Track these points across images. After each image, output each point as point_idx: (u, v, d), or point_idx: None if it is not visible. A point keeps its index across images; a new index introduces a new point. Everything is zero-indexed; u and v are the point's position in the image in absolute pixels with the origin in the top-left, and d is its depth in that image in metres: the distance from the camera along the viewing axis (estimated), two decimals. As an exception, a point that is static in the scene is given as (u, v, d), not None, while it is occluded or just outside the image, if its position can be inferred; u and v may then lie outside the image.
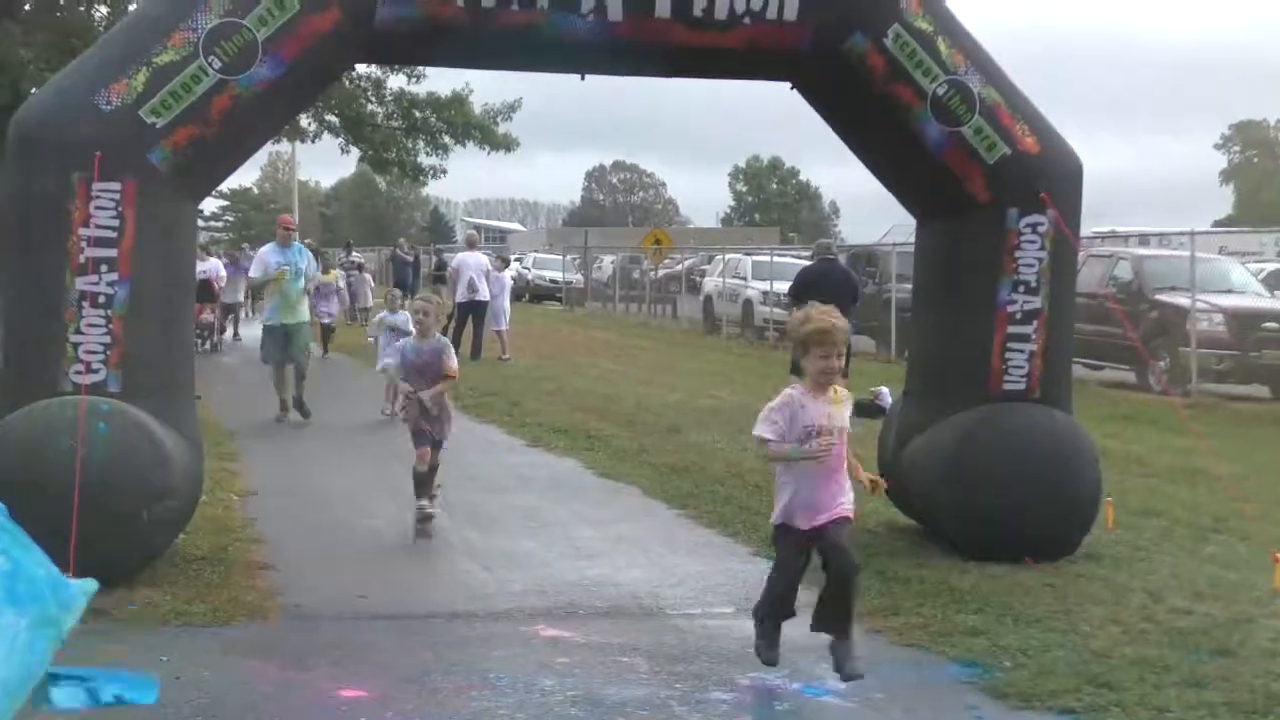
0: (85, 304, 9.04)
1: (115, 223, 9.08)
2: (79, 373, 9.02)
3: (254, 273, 18.93)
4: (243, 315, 37.44)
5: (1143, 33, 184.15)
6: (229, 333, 33.81)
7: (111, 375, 9.08)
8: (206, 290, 28.88)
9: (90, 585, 3.68)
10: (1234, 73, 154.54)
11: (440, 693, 7.07)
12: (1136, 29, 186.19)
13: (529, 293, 61.05)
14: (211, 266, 30.96)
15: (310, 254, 18.88)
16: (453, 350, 11.55)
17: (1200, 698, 6.95)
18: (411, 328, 12.71)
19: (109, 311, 9.08)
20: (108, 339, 9.08)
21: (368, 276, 40.17)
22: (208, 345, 29.54)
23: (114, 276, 9.08)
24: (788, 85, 10.69)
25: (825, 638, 7.96)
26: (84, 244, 9.03)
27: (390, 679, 7.27)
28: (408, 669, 7.45)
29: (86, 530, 8.28)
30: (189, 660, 7.47)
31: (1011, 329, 10.24)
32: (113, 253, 9.08)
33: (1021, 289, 10.24)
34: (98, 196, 9.05)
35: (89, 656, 7.50)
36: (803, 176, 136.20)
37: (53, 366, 9.03)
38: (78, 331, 9.04)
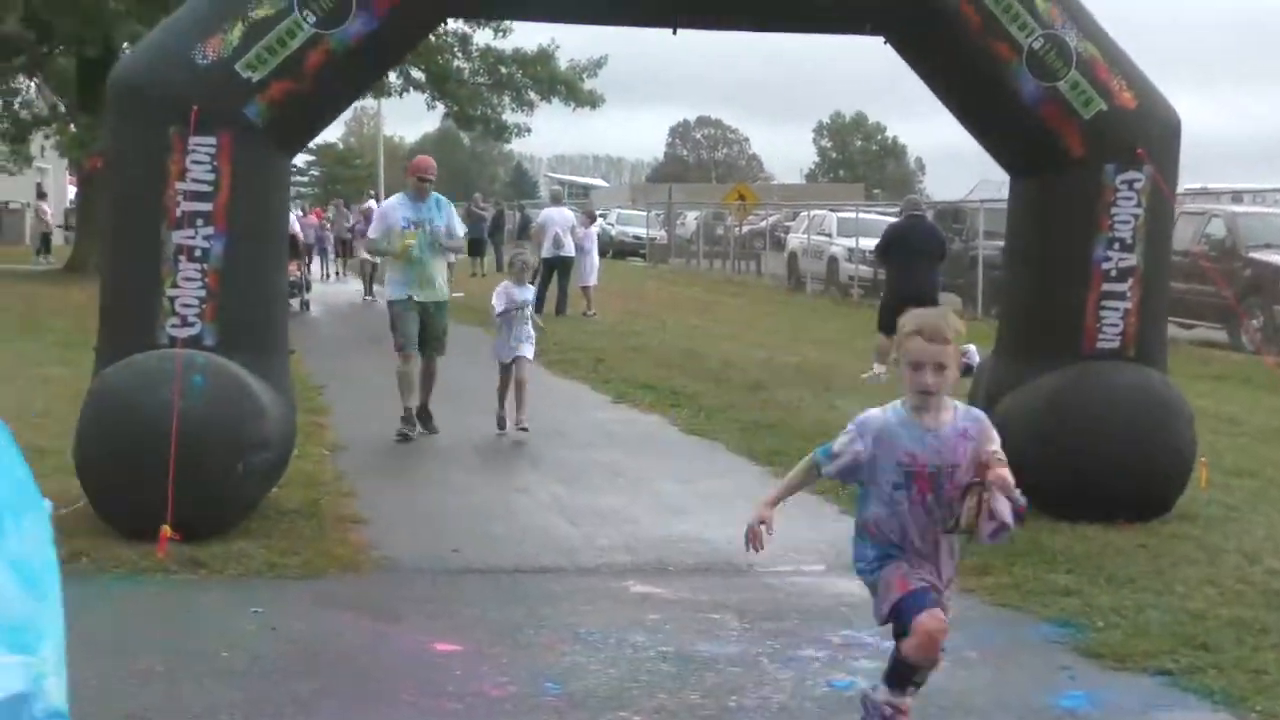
0: (181, 258, 9.12)
1: (211, 177, 9.15)
2: (175, 326, 9.11)
3: (374, 232, 14.20)
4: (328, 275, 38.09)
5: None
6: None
7: (207, 329, 9.17)
8: (292, 246, 28.67)
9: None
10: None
11: (533, 647, 7.11)
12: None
13: (612, 249, 60.99)
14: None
15: (452, 208, 14.10)
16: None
17: (1299, 660, 6.87)
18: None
19: (205, 266, 9.16)
20: (203, 293, 9.16)
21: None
22: (296, 304, 28.96)
23: (210, 231, 9.16)
24: (880, 39, 10.59)
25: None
26: (180, 198, 9.11)
27: (483, 632, 7.32)
28: (500, 623, 7.50)
29: (183, 482, 8.40)
30: (283, 612, 7.56)
31: (1106, 286, 10.12)
32: (208, 207, 9.15)
33: (1117, 246, 10.11)
34: (194, 150, 9.11)
35: (183, 606, 7.65)
36: (888, 133, 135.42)
37: (149, 320, 9.12)
38: (174, 285, 9.12)
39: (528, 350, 13.71)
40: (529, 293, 14.29)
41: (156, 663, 6.64)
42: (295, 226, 29.96)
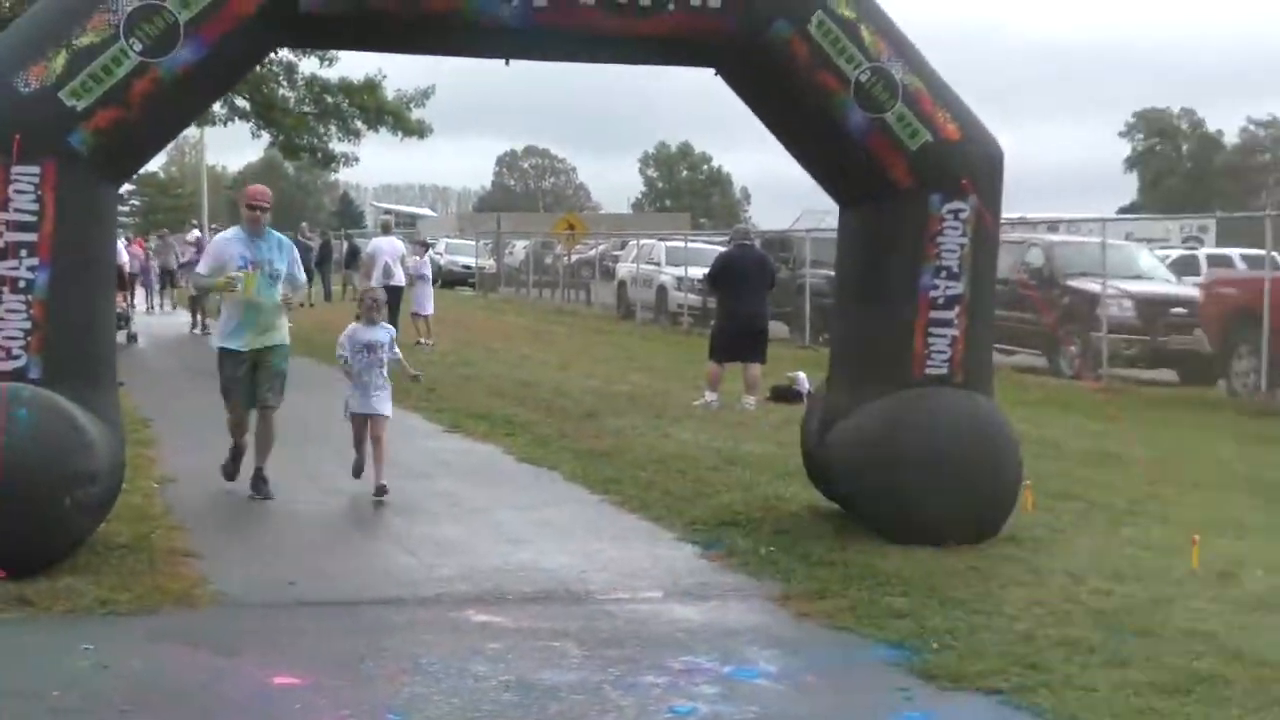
0: (5, 289, 8.91)
1: (35, 206, 8.96)
2: (-1, 359, 8.90)
3: (203, 268, 12.36)
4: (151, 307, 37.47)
5: (1032, 27, 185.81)
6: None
7: (32, 361, 8.96)
8: (118, 277, 27.99)
9: None
10: (1136, 65, 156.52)
11: (374, 679, 7.05)
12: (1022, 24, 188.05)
13: (441, 278, 60.64)
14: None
15: (294, 250, 12.47)
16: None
17: (1125, 677, 7.06)
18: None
19: (29, 296, 8.96)
20: (28, 324, 8.95)
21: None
22: (122, 337, 28.08)
23: (34, 261, 8.96)
24: (711, 72, 10.72)
25: (756, 620, 8.09)
26: (3, 228, 8.91)
27: (322, 665, 7.24)
28: (339, 655, 7.43)
29: (8, 517, 8.22)
30: (116, 649, 7.40)
31: (934, 314, 10.33)
32: (33, 237, 8.95)
33: (944, 274, 10.33)
34: (16, 180, 8.92)
35: (11, 645, 7.46)
36: (714, 163, 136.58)
37: (-28, 353, 8.90)
38: (-3, 317, 8.92)
39: (384, 406, 12.26)
40: (383, 334, 12.38)
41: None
42: (122, 257, 28.38)
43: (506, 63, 10.65)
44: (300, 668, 7.18)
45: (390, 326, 12.84)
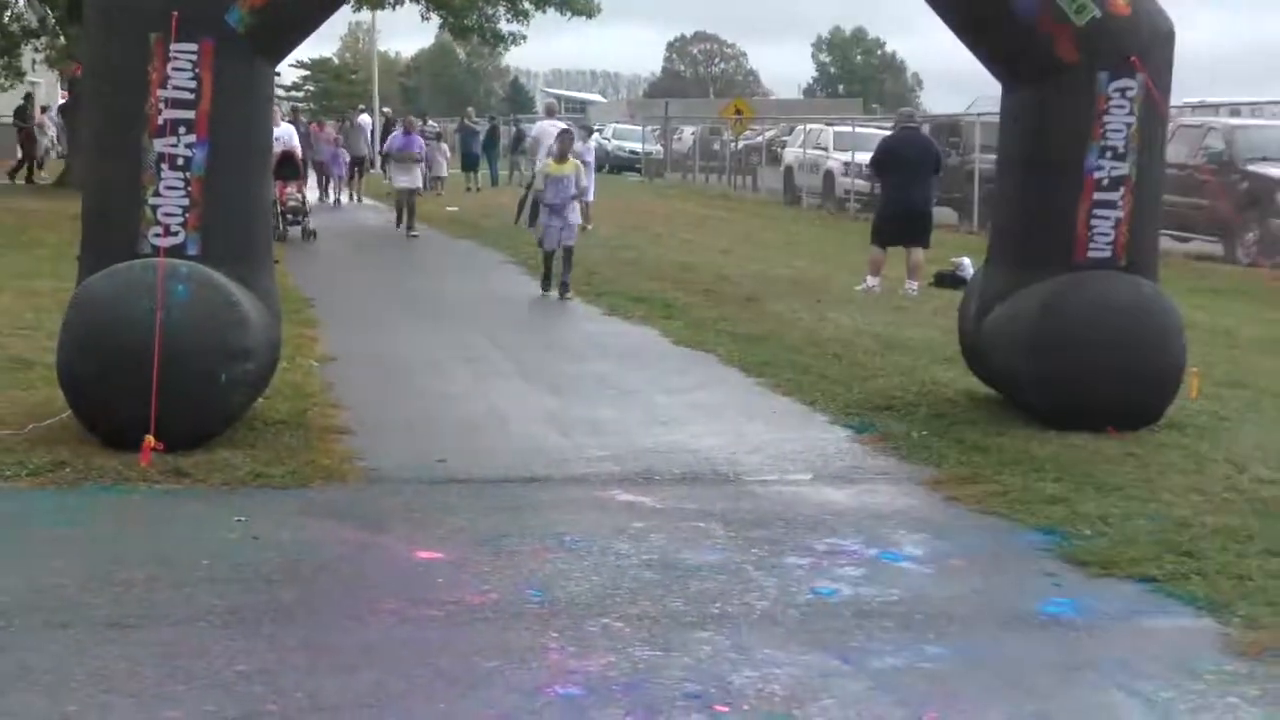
0: (164, 166, 9.02)
1: (193, 84, 9.03)
2: (158, 235, 9.02)
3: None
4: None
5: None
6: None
7: (190, 238, 9.08)
8: (289, 163, 24.69)
9: None
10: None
11: (516, 555, 7.08)
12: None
13: (608, 163, 60.68)
14: (285, 132, 25.66)
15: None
16: None
17: (1283, 566, 6.86)
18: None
19: (187, 174, 9.06)
20: (186, 201, 9.06)
21: (444, 146, 39.91)
22: (298, 232, 24.78)
23: (192, 139, 9.05)
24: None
25: (905, 503, 8.02)
26: (162, 105, 9.00)
27: (466, 541, 7.29)
28: (483, 532, 7.47)
29: (166, 392, 8.36)
30: (266, 521, 7.52)
31: (1098, 195, 10.03)
32: (190, 114, 9.04)
33: (1109, 155, 10.01)
34: (175, 58, 8.99)
35: (166, 516, 7.63)
36: (888, 48, 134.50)
37: (132, 229, 9.03)
38: (156, 194, 9.02)
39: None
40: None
41: (137, 571, 6.62)
42: (292, 141, 26.37)
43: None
44: (444, 543, 7.24)
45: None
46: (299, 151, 26.90)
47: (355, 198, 36.16)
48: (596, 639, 5.94)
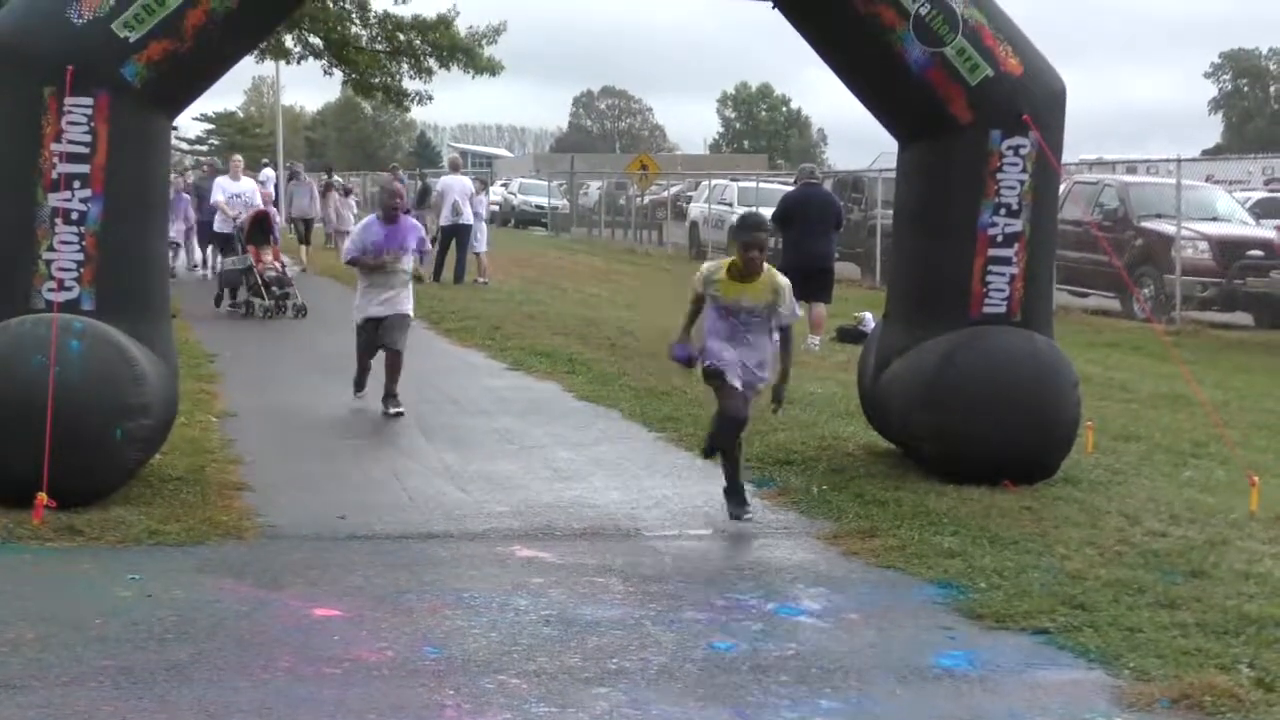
0: (58, 220, 8.94)
1: (88, 138, 8.97)
2: (52, 290, 8.93)
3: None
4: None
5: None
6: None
7: (85, 293, 9.00)
8: (262, 227, 21.80)
9: None
10: (1223, 2, 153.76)
11: (414, 612, 7.05)
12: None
13: (515, 218, 60.83)
14: (247, 190, 23.47)
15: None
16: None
17: (1173, 618, 6.95)
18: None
19: (82, 228, 8.98)
20: (80, 256, 8.99)
21: (352, 201, 39.71)
22: (290, 311, 21.16)
23: (87, 193, 8.98)
24: (769, 4, 10.57)
25: (803, 558, 8.05)
26: (56, 159, 8.93)
27: (364, 598, 7.25)
28: (382, 588, 7.43)
29: (59, 448, 8.27)
30: (161, 578, 7.44)
31: (992, 252, 10.16)
32: (85, 168, 8.98)
33: (1003, 211, 10.16)
34: (70, 111, 8.93)
35: (59, 573, 7.52)
36: (793, 105, 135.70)
37: (25, 284, 8.94)
38: (50, 249, 8.94)
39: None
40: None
41: (28, 630, 6.52)
42: (257, 200, 23.46)
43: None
44: (341, 600, 7.19)
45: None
46: (274, 214, 24.27)
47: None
48: (493, 696, 5.92)
